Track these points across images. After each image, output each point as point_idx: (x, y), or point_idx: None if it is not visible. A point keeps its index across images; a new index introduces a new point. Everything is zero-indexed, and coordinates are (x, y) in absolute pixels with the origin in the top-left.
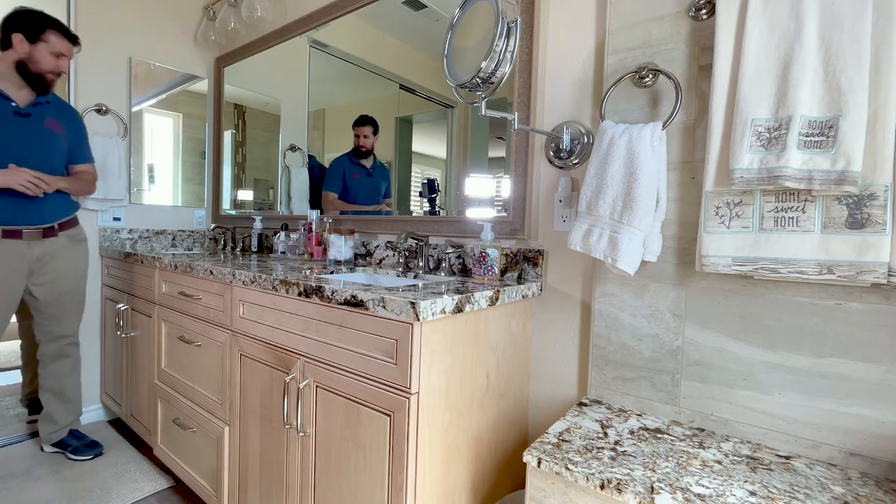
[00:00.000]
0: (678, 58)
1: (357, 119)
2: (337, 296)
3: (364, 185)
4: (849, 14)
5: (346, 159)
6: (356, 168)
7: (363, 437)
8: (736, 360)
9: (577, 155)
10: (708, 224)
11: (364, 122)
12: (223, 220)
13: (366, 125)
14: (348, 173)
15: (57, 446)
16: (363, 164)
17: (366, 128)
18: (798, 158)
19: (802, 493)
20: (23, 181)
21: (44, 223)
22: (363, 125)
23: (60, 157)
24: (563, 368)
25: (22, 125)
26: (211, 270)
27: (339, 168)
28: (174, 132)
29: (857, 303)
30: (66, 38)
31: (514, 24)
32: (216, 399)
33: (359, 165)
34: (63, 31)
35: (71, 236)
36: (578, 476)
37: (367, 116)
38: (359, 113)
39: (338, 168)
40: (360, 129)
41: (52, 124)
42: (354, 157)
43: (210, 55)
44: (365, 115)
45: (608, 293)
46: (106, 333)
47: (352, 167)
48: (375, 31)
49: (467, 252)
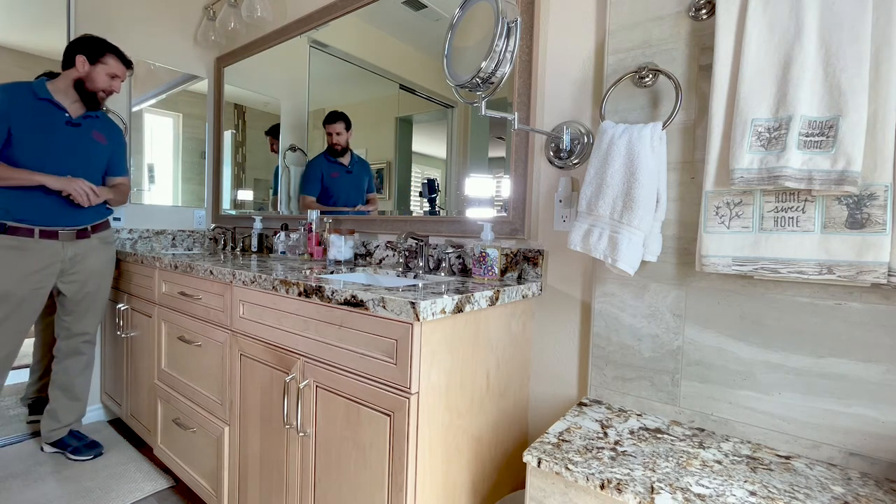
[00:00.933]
0: (678, 58)
1: (326, 116)
2: (337, 296)
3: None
4: (849, 14)
5: (323, 159)
6: (334, 167)
7: (363, 437)
8: (736, 360)
9: (577, 155)
10: (708, 224)
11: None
12: (223, 220)
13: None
14: (326, 173)
15: (56, 446)
16: (341, 161)
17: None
18: (798, 158)
19: (802, 493)
20: (79, 190)
21: (79, 225)
22: (334, 122)
23: (101, 167)
24: (563, 368)
25: (72, 134)
26: (211, 270)
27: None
28: (174, 132)
29: (857, 303)
30: (122, 62)
31: (514, 24)
32: (216, 399)
33: (336, 164)
34: (120, 56)
35: (102, 238)
36: (578, 476)
37: (337, 112)
38: (360, 112)
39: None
40: (331, 126)
41: (98, 136)
42: (330, 155)
43: (210, 55)
44: (335, 112)
45: (608, 293)
46: (106, 333)
47: (329, 166)
48: (375, 31)
49: (467, 252)
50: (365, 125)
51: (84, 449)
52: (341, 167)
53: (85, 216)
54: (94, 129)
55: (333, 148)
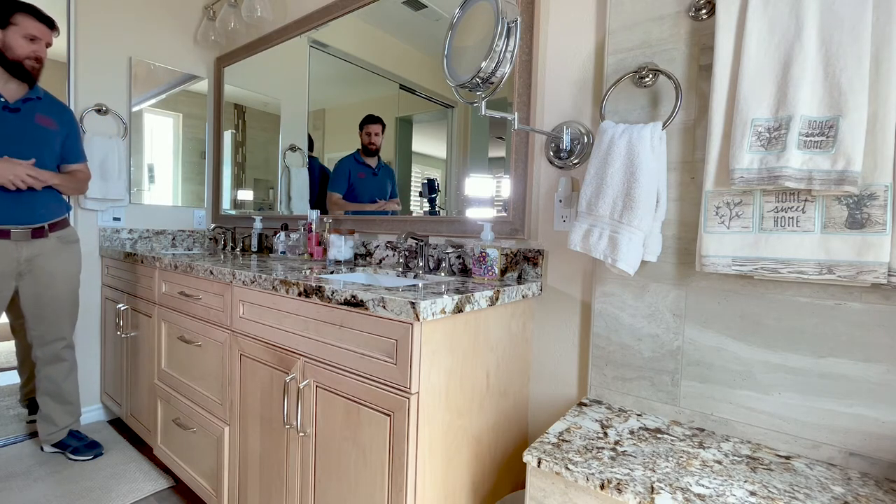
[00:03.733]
0: (678, 58)
1: (366, 118)
2: (337, 296)
3: (370, 184)
4: (849, 14)
5: (352, 159)
6: (362, 167)
7: (363, 437)
8: (736, 360)
9: (577, 155)
10: (708, 224)
11: (374, 120)
12: (223, 220)
13: (376, 123)
14: (353, 173)
15: (57, 447)
16: (368, 163)
17: (376, 126)
18: (798, 158)
19: (802, 493)
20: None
21: (33, 223)
22: (374, 123)
23: (52, 155)
24: (563, 368)
25: (11, 121)
26: (211, 270)
27: (345, 168)
28: (174, 132)
29: (857, 303)
30: (39, 20)
31: (514, 24)
32: (216, 399)
33: (365, 165)
34: (35, 14)
35: (62, 237)
36: (578, 476)
37: (375, 116)
38: (359, 113)
39: (343, 168)
40: (371, 127)
41: (43, 120)
42: (361, 156)
43: (210, 55)
44: (373, 115)
45: (608, 293)
46: (106, 333)
47: (357, 167)
48: (375, 31)
49: (467, 252)
50: None
51: (84, 449)
52: (368, 169)
53: (40, 213)
54: (37, 113)
55: (368, 148)
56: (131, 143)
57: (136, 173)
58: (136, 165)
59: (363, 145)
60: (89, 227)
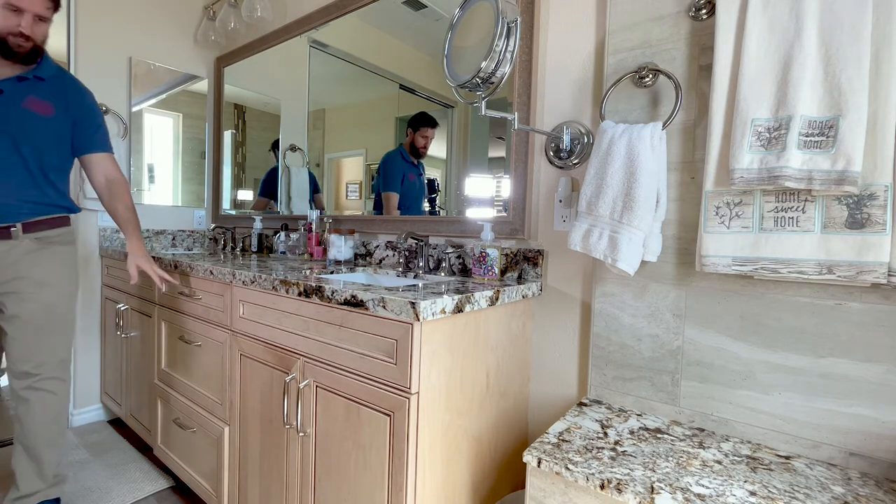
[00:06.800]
0: (678, 58)
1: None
2: (337, 296)
3: (415, 187)
4: (849, 14)
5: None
6: (412, 168)
7: (363, 437)
8: (736, 360)
9: (577, 155)
10: (708, 224)
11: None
12: (223, 220)
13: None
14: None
15: None
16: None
17: (433, 130)
18: (798, 158)
19: (802, 493)
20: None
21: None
22: (432, 127)
23: (50, 145)
24: (563, 368)
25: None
26: (211, 270)
27: (399, 168)
28: (174, 132)
29: (857, 303)
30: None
31: (514, 24)
32: (216, 399)
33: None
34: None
35: (43, 239)
36: (578, 476)
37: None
38: (359, 113)
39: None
40: (428, 130)
41: (36, 104)
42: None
43: (210, 55)
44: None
45: (608, 293)
46: (106, 333)
47: (409, 167)
48: (375, 31)
49: (467, 252)
50: (365, 125)
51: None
52: (416, 169)
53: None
54: (29, 96)
55: (419, 151)
56: (131, 143)
57: (136, 173)
58: (136, 165)
59: (414, 147)
60: (89, 227)
